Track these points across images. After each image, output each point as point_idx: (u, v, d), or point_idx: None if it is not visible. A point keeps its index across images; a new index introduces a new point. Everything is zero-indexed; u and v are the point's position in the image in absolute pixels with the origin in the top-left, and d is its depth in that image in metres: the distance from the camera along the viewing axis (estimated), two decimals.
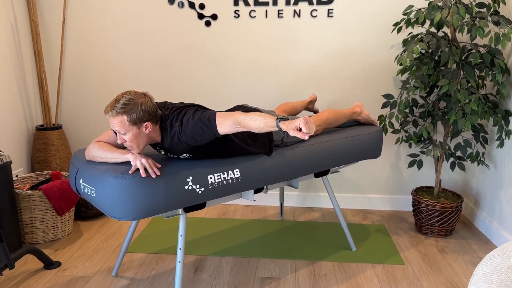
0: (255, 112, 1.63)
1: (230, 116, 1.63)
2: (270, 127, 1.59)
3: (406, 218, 2.99)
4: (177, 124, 1.68)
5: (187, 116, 1.67)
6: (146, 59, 3.01)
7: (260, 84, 2.99)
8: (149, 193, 1.61)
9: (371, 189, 3.12)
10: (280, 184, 2.17)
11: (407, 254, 2.48)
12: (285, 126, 1.55)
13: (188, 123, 1.66)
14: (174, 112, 1.72)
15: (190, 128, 1.65)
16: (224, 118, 1.64)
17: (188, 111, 1.69)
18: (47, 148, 2.94)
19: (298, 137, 1.57)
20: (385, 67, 2.91)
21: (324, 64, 2.93)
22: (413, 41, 2.49)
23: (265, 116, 1.60)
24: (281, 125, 1.56)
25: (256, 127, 1.60)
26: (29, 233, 2.52)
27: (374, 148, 2.46)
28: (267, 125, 1.59)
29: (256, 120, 1.60)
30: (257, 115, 1.61)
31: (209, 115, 1.65)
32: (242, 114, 1.62)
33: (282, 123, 1.57)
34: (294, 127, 1.53)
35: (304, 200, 3.16)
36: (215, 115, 1.65)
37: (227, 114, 1.65)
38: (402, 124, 2.72)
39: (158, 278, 2.20)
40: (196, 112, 1.68)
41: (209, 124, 1.64)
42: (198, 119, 1.65)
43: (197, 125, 1.65)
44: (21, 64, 2.90)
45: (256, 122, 1.60)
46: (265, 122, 1.59)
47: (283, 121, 1.57)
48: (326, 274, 2.26)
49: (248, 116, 1.61)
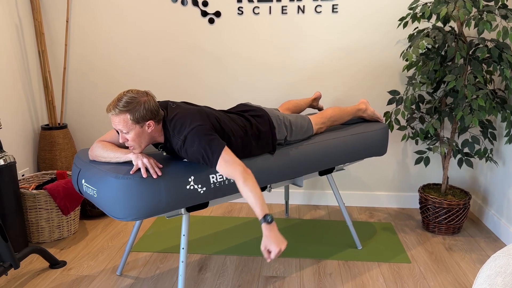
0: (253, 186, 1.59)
1: (232, 168, 1.61)
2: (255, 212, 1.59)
3: (413, 215, 2.96)
4: (181, 137, 1.66)
5: (193, 136, 1.63)
6: (150, 57, 3.00)
7: (264, 81, 2.97)
8: (151, 194, 1.61)
9: (378, 187, 3.09)
10: (283, 183, 2.15)
11: (413, 253, 2.45)
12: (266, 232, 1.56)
13: (193, 145, 1.63)
14: (179, 119, 1.68)
15: (192, 151, 1.64)
16: (226, 165, 1.61)
17: (196, 131, 1.64)
18: (53, 147, 2.95)
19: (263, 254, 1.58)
20: (390, 63, 2.87)
21: (328, 60, 2.90)
22: (419, 36, 2.45)
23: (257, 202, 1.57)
24: (264, 226, 1.56)
25: (245, 197, 1.60)
26: (35, 233, 2.53)
27: (379, 146, 2.43)
28: (255, 208, 1.58)
29: (248, 198, 1.59)
30: (253, 192, 1.58)
31: (215, 149, 1.62)
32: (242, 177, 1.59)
33: (265, 225, 1.56)
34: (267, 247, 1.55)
35: (310, 198, 3.14)
36: (220, 153, 1.62)
37: (231, 162, 1.61)
38: (409, 121, 2.69)
39: (162, 277, 2.20)
40: (205, 137, 1.63)
41: (211, 158, 1.63)
42: (203, 148, 1.62)
43: (199, 152, 1.63)
44: (26, 63, 2.91)
45: (248, 199, 1.60)
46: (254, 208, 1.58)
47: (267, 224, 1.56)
48: (331, 273, 2.24)
49: (246, 187, 1.58)
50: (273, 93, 2.97)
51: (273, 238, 1.55)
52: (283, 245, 1.55)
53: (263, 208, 1.58)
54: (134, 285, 2.13)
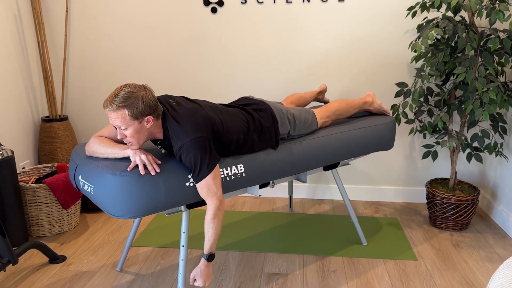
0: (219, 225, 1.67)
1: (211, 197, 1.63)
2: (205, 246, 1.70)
3: (420, 210, 2.90)
4: (179, 144, 1.61)
5: (191, 147, 1.59)
6: (152, 47, 2.93)
7: (268, 73, 2.89)
8: (149, 191, 1.56)
9: (384, 181, 3.02)
10: (287, 178, 2.09)
11: (420, 249, 2.39)
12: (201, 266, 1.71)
13: (188, 155, 1.60)
14: (181, 125, 1.62)
15: (186, 160, 1.62)
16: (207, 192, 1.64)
17: (194, 142, 1.59)
18: (53, 140, 2.90)
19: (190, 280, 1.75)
20: (398, 54, 2.78)
21: (334, 51, 2.82)
22: (428, 27, 2.37)
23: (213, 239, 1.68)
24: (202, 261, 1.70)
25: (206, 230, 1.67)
26: (35, 227, 2.50)
27: (386, 140, 2.36)
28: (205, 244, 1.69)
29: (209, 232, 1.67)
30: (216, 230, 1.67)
31: (204, 170, 1.61)
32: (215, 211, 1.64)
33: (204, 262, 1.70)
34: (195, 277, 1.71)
35: (314, 192, 3.08)
36: (206, 176, 1.61)
37: (212, 191, 1.63)
38: (416, 114, 2.61)
39: (163, 274, 2.16)
40: (199, 151, 1.59)
41: (197, 177, 1.62)
42: (194, 162, 1.60)
43: (191, 165, 1.62)
44: (25, 54, 2.85)
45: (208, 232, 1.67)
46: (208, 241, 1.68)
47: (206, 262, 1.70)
48: (335, 270, 2.19)
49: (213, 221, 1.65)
50: (277, 85, 2.90)
51: (204, 274, 1.71)
52: (208, 282, 1.73)
53: (212, 247, 1.69)
54: (134, 282, 2.10)
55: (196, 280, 1.71)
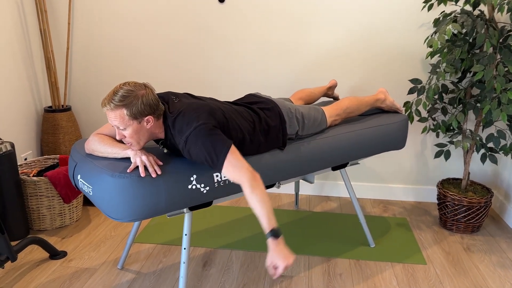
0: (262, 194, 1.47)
1: (238, 173, 1.48)
2: (262, 224, 1.47)
3: (430, 210, 2.82)
4: (183, 138, 1.52)
5: (196, 136, 1.49)
6: (157, 37, 2.85)
7: (276, 66, 2.80)
8: (149, 194, 1.49)
9: (393, 179, 2.94)
10: (293, 179, 2.02)
11: (429, 252, 2.32)
12: (272, 247, 1.44)
13: (196, 146, 1.49)
14: (182, 118, 1.54)
15: (196, 152, 1.50)
16: (233, 169, 1.48)
17: (199, 131, 1.49)
18: (56, 130, 2.85)
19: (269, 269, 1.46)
20: (413, 48, 2.67)
21: (345, 45, 2.72)
22: (445, 21, 2.26)
23: (264, 214, 1.45)
24: (270, 241, 1.45)
25: (252, 206, 1.48)
26: (36, 220, 2.46)
27: (398, 139, 2.27)
28: (261, 220, 1.46)
29: (256, 209, 1.47)
30: (261, 203, 1.46)
31: (220, 151, 1.48)
32: (249, 185, 1.47)
33: (272, 240, 1.45)
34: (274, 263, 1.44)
35: (321, 189, 3.01)
36: (225, 156, 1.47)
37: (237, 167, 1.48)
38: (430, 112, 2.51)
39: (165, 273, 2.11)
40: (208, 138, 1.48)
41: (216, 161, 1.49)
42: (207, 150, 1.48)
43: (203, 155, 1.49)
44: (28, 43, 2.78)
45: (255, 210, 1.47)
46: (260, 219, 1.46)
47: (274, 239, 1.44)
48: (341, 273, 2.13)
49: (253, 195, 1.46)
50: (286, 80, 2.81)
51: (280, 254, 1.44)
52: (290, 260, 1.44)
53: (270, 221, 1.45)
54: (135, 281, 2.05)
55: (277, 268, 1.44)
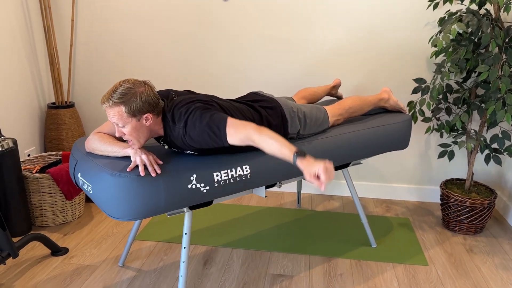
0: (271, 133, 1.44)
1: (243, 129, 1.46)
2: (285, 158, 1.42)
3: (433, 211, 2.80)
4: (181, 124, 1.52)
5: (193, 117, 1.50)
6: (161, 33, 2.84)
7: (281, 65, 2.78)
8: (148, 193, 1.49)
9: (397, 178, 2.92)
10: (294, 179, 2.01)
11: (431, 253, 2.31)
12: (302, 166, 1.38)
13: (195, 127, 1.50)
14: (177, 108, 1.55)
15: (197, 133, 1.50)
16: (236, 130, 1.46)
17: (194, 111, 1.51)
18: (59, 127, 2.85)
19: (314, 184, 1.39)
20: (418, 47, 2.65)
21: (349, 43, 2.70)
22: (450, 20, 2.23)
23: (281, 144, 1.42)
24: (299, 162, 1.39)
25: (270, 152, 1.44)
26: (38, 216, 2.47)
27: (401, 139, 2.25)
28: (283, 154, 1.42)
29: (272, 145, 1.42)
30: (274, 138, 1.43)
31: (219, 121, 1.48)
32: (256, 131, 1.44)
33: (300, 160, 1.39)
34: (312, 172, 1.36)
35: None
36: (226, 123, 1.47)
37: (239, 125, 1.47)
38: (434, 112, 2.49)
39: (165, 271, 2.12)
40: (204, 114, 1.50)
41: (218, 132, 1.48)
42: (206, 124, 1.48)
43: (204, 131, 1.49)
44: (32, 39, 2.78)
45: (271, 148, 1.42)
46: (281, 151, 1.42)
47: (301, 158, 1.39)
48: (342, 273, 2.12)
49: (263, 137, 1.43)
50: (289, 78, 2.80)
51: (313, 163, 1.36)
52: (326, 162, 1.35)
53: (290, 147, 1.41)
54: (136, 278, 2.05)
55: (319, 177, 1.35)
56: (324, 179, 1.34)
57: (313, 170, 1.35)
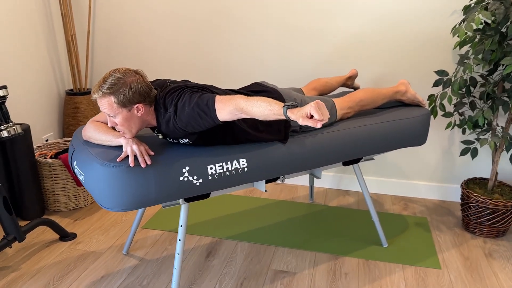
0: (259, 97, 1.40)
1: (231, 100, 1.41)
2: (277, 115, 1.36)
3: (454, 210, 2.66)
4: (172, 109, 1.49)
5: (183, 100, 1.47)
6: (177, 20, 2.81)
7: (294, 54, 2.69)
8: (138, 184, 1.46)
9: (417, 175, 2.79)
10: (298, 174, 1.94)
11: (446, 256, 2.19)
12: (294, 115, 1.32)
13: (184, 109, 1.46)
14: (169, 95, 1.52)
15: (186, 114, 1.46)
16: (224, 103, 1.42)
17: (184, 94, 1.48)
18: (76, 113, 2.89)
19: (310, 125, 1.32)
20: (441, 37, 2.49)
21: (368, 32, 2.57)
22: (476, 8, 2.08)
23: (270, 102, 1.37)
24: (289, 113, 1.33)
25: (261, 114, 1.38)
26: (51, 201, 2.51)
27: (418, 135, 2.13)
28: (273, 112, 1.36)
29: (260, 107, 1.37)
30: (262, 100, 1.38)
31: (208, 99, 1.44)
32: (244, 99, 1.40)
33: (290, 111, 1.33)
34: (304, 114, 1.30)
35: (339, 182, 2.90)
36: (214, 99, 1.44)
37: (227, 98, 1.43)
38: (457, 106, 2.34)
39: (167, 261, 2.11)
40: (193, 95, 1.47)
41: (207, 109, 1.44)
42: (195, 104, 1.45)
43: (194, 111, 1.45)
44: (51, 26, 2.82)
45: (260, 109, 1.37)
46: (270, 109, 1.36)
47: (292, 109, 1.33)
48: (347, 273, 2.04)
49: (251, 102, 1.38)
50: (303, 68, 2.70)
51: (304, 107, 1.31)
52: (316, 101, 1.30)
53: (279, 104, 1.35)
54: (137, 267, 2.06)
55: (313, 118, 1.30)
56: (317, 117, 1.28)
57: (304, 112, 1.30)
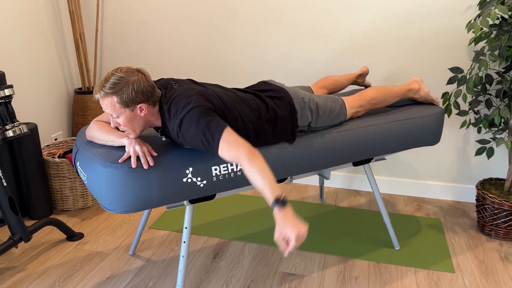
0: (264, 166, 1.35)
1: (236, 148, 1.37)
2: (265, 196, 1.33)
3: (469, 212, 2.58)
4: (177, 121, 1.45)
5: (190, 119, 1.42)
6: (185, 18, 2.78)
7: (304, 52, 2.64)
8: (140, 186, 1.43)
9: (431, 175, 2.71)
10: (305, 174, 1.89)
11: (460, 259, 2.12)
12: (278, 219, 1.28)
13: (189, 129, 1.42)
14: (174, 103, 1.46)
15: (190, 135, 1.43)
16: (229, 146, 1.38)
17: (192, 113, 1.42)
18: (85, 112, 2.88)
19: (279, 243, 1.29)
20: (456, 33, 2.41)
21: (380, 28, 2.50)
22: (491, 3, 2.00)
23: (266, 184, 1.32)
24: (276, 212, 1.29)
25: (253, 181, 1.36)
26: (59, 200, 2.51)
27: (431, 134, 2.06)
28: (264, 192, 1.33)
29: (256, 181, 1.34)
30: (261, 175, 1.33)
31: (214, 132, 1.39)
32: (248, 158, 1.35)
33: (278, 210, 1.29)
34: (283, 234, 1.27)
35: (351, 182, 2.84)
36: (221, 135, 1.39)
37: (234, 143, 1.38)
38: (472, 105, 2.26)
39: (174, 262, 2.08)
40: (201, 119, 1.41)
41: (212, 142, 1.40)
42: (201, 131, 1.40)
43: (198, 137, 1.41)
44: (60, 24, 2.81)
45: (256, 183, 1.34)
46: (264, 188, 1.32)
47: (280, 208, 1.29)
48: (357, 276, 1.99)
49: (253, 168, 1.34)
50: (314, 65, 2.65)
51: (289, 222, 1.27)
52: (302, 228, 1.26)
53: (274, 190, 1.32)
54: (144, 269, 2.03)
55: (289, 242, 1.27)
56: (291, 247, 1.26)
57: (284, 233, 1.27)
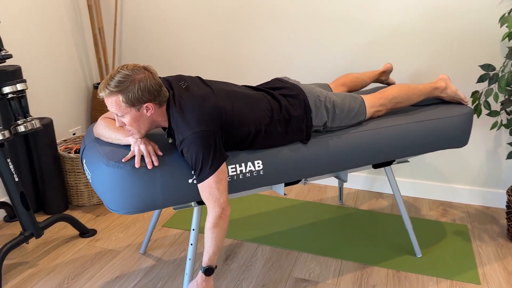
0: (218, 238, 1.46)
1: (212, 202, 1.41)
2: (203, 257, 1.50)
3: (498, 218, 2.42)
4: (180, 138, 1.40)
5: (193, 142, 1.37)
6: (205, 11, 2.71)
7: (328, 45, 2.53)
8: (144, 186, 1.38)
9: (458, 178, 2.57)
10: (321, 176, 1.80)
11: (487, 270, 1.98)
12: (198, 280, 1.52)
13: (188, 151, 1.38)
14: (183, 117, 1.40)
15: (187, 156, 1.40)
16: (209, 197, 1.41)
17: (196, 136, 1.36)
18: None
19: None
20: (488, 28, 2.26)
21: (408, 22, 2.37)
22: None
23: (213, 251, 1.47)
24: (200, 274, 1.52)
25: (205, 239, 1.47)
26: (74, 196, 2.50)
27: (458, 136, 1.93)
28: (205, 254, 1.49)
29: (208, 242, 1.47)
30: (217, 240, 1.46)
31: (206, 169, 1.38)
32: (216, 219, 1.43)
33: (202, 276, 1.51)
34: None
35: (372, 184, 2.72)
36: (209, 176, 1.39)
37: (215, 196, 1.41)
38: (504, 105, 2.11)
39: (184, 262, 2.03)
40: (202, 147, 1.37)
41: (198, 176, 1.40)
42: (196, 159, 1.38)
43: (192, 161, 1.40)
44: (79, 19, 2.80)
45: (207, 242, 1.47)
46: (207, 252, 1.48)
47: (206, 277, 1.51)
48: (375, 284, 1.89)
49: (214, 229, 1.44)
50: (334, 62, 2.53)
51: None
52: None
53: (212, 260, 1.49)
54: (153, 268, 1.99)
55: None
56: None
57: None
